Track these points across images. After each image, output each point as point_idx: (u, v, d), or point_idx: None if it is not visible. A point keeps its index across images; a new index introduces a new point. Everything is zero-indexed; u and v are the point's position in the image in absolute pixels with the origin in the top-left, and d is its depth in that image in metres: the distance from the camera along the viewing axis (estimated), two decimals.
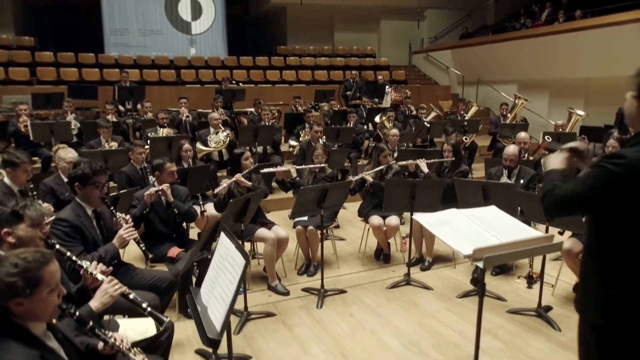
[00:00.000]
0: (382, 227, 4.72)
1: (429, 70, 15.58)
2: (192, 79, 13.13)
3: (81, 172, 2.86)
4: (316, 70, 14.25)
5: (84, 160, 2.95)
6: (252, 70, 13.74)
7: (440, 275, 4.62)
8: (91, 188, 2.89)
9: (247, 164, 4.43)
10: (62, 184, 4.28)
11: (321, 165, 4.88)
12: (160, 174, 3.85)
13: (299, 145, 7.51)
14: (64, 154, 4.25)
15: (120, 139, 6.56)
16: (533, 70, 12.02)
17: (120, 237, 2.93)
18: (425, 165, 5.11)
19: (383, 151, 4.92)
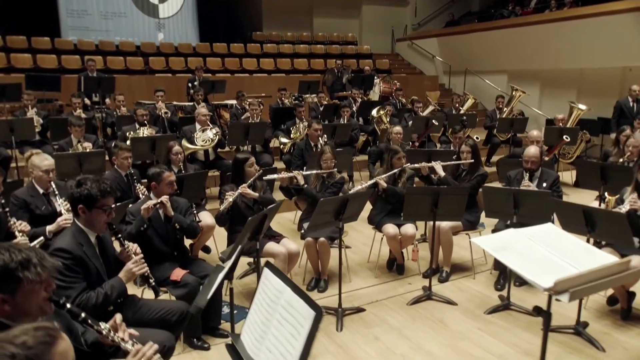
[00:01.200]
0: (397, 237, 4.53)
1: (414, 59, 15.48)
2: (162, 67, 12.59)
3: (87, 193, 2.52)
4: (296, 59, 13.92)
5: (90, 178, 2.59)
6: (227, 58, 13.29)
7: (461, 288, 4.47)
8: (98, 212, 2.56)
9: (251, 171, 4.13)
10: (37, 196, 3.87)
11: (330, 170, 4.63)
12: (157, 185, 3.52)
13: (290, 142, 7.23)
14: (39, 161, 3.83)
15: (94, 139, 6.12)
16: (524, 60, 12.07)
17: (129, 272, 2.60)
18: (441, 168, 4.93)
19: (397, 153, 4.70)
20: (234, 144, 6.57)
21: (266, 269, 2.06)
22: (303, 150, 6.01)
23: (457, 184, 4.82)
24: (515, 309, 3.97)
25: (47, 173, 3.83)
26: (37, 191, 3.88)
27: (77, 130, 5.81)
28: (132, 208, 3.57)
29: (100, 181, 2.60)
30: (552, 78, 11.71)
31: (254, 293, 2.06)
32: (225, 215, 3.94)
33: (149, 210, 3.40)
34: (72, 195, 2.57)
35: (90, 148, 5.70)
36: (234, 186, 4.14)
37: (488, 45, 12.83)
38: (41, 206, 3.85)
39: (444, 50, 14.37)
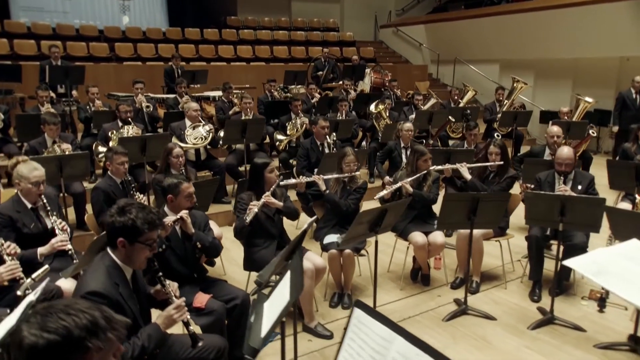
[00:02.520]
0: (426, 246, 4.36)
1: (399, 47, 15.36)
2: (129, 54, 12.02)
3: (132, 224, 2.21)
4: (275, 46, 13.56)
5: (135, 205, 2.27)
6: (201, 45, 12.82)
7: (495, 299, 4.35)
8: (141, 247, 2.26)
9: (272, 178, 3.87)
10: (24, 211, 3.49)
11: (352, 173, 4.41)
12: (174, 198, 3.21)
13: (286, 140, 6.97)
14: (27, 172, 3.44)
15: (72, 138, 5.68)
16: (516, 49, 12.11)
17: (169, 318, 2.32)
18: (467, 170, 4.79)
19: (423, 155, 4.53)
20: (230, 143, 6.25)
21: (358, 310, 1.82)
22: (308, 149, 5.75)
23: (486, 187, 4.69)
24: (560, 323, 3.87)
25: (37, 185, 3.46)
26: (24, 206, 3.50)
27: (52, 128, 5.36)
28: None
29: (147, 209, 2.29)
30: (546, 68, 11.80)
31: None
32: (247, 227, 3.66)
33: (168, 228, 3.10)
34: (112, 225, 2.25)
35: (69, 150, 5.28)
36: (252, 194, 3.87)
37: (479, 33, 12.82)
38: (29, 224, 3.48)
39: (431, 38, 14.30)
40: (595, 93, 10.36)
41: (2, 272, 2.91)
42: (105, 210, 4.04)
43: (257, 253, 3.81)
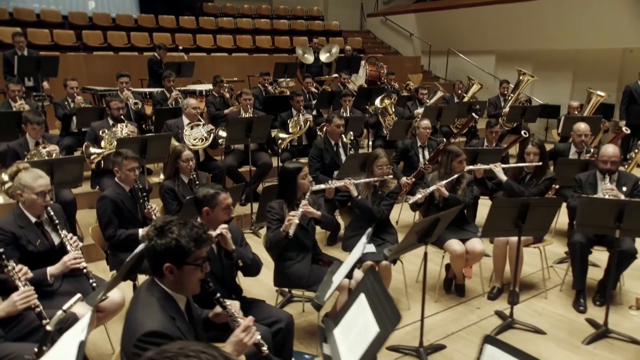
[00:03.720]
0: (464, 255, 4.26)
1: (388, 38, 15.29)
2: (98, 42, 11.58)
3: (176, 245, 1.99)
4: (257, 36, 13.30)
5: (174, 222, 2.05)
6: (178, 34, 12.46)
7: (538, 311, 4.27)
8: (191, 269, 2.06)
9: (305, 184, 3.69)
10: (28, 226, 3.20)
11: (385, 177, 4.26)
12: (211, 210, 2.99)
13: (289, 138, 6.77)
14: (31, 180, 3.15)
15: (57, 139, 5.35)
16: (514, 39, 12.19)
17: (239, 343, 2.08)
18: (502, 171, 4.70)
19: (458, 156, 4.41)
20: (234, 143, 6.02)
21: (491, 346, 1.67)
22: (322, 150, 5.57)
23: (523, 189, 4.62)
24: (616, 336, 3.82)
25: (43, 196, 3.19)
26: (27, 220, 3.21)
27: (35, 128, 5.02)
28: None
29: (189, 225, 2.08)
30: (545, 60, 11.89)
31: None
32: (284, 241, 3.46)
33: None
34: (153, 250, 2.03)
35: (56, 152, 4.96)
36: (283, 203, 3.68)
37: (474, 22, 12.85)
38: (35, 240, 3.20)
39: (422, 28, 14.27)
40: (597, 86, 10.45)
41: (17, 300, 2.66)
42: (114, 222, 3.79)
43: (291, 267, 3.62)
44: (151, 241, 2.03)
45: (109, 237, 3.78)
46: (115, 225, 3.80)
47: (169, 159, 4.45)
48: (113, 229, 3.78)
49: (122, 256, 3.81)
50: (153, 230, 2.05)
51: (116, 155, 3.88)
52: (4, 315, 2.64)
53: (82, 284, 3.26)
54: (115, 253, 3.86)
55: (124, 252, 3.82)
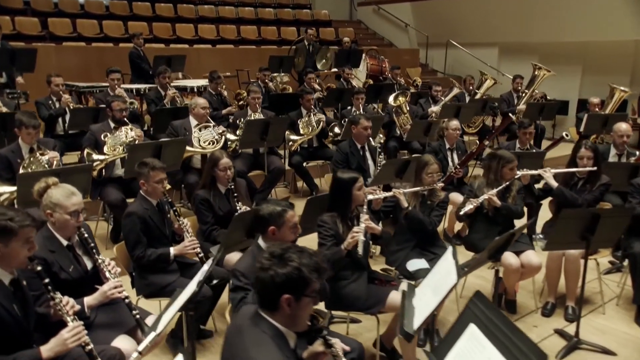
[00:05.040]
0: (520, 268, 4.23)
1: (382, 28, 15.29)
2: (67, 32, 11.20)
3: (298, 276, 1.90)
4: (242, 26, 13.12)
5: (293, 248, 1.95)
6: (155, 23, 12.19)
7: (600, 328, 4.27)
8: (307, 302, 1.98)
9: (360, 196, 3.58)
10: (60, 251, 3.01)
11: (434, 185, 4.20)
12: (277, 229, 2.87)
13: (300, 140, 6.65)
14: (64, 198, 2.95)
15: (53, 143, 5.11)
16: (518, 31, 12.30)
17: None
18: (552, 176, 4.69)
19: (510, 162, 4.37)
20: (248, 146, 5.88)
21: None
22: (348, 154, 5.47)
23: (577, 197, 4.61)
24: None
25: (76, 216, 3.00)
26: (58, 243, 3.02)
27: (30, 133, 4.76)
28: (240, 265, 2.88)
29: (306, 252, 1.99)
30: (552, 52, 11.98)
31: None
32: (345, 260, 3.36)
33: None
34: (272, 281, 1.92)
35: (57, 159, 4.74)
36: (336, 216, 3.57)
37: (475, 12, 12.91)
38: (67, 266, 3.01)
39: (419, 18, 14.30)
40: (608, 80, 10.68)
41: (67, 337, 2.50)
42: (143, 242, 3.63)
43: (346, 288, 3.52)
44: (268, 271, 1.94)
45: (138, 258, 3.61)
46: (144, 244, 3.63)
47: (205, 166, 4.29)
48: (142, 249, 3.62)
49: (152, 278, 3.68)
50: (269, 258, 1.97)
51: (141, 166, 3.70)
52: (53, 355, 2.47)
53: (120, 314, 3.10)
54: (143, 275, 3.69)
55: (153, 274, 3.70)
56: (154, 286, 3.66)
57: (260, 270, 1.96)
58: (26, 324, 2.56)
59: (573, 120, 11.77)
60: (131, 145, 4.82)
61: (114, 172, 5.24)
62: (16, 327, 2.48)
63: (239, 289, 2.79)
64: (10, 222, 2.40)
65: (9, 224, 2.40)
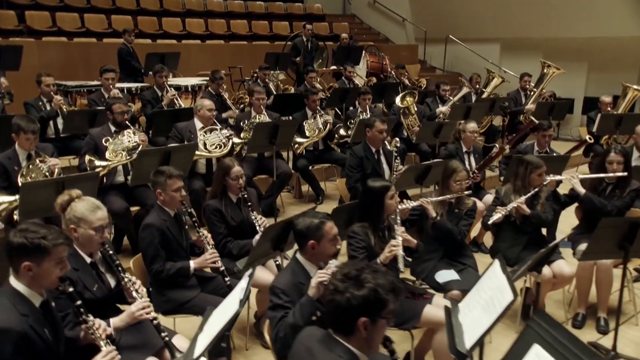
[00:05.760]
0: (552, 279, 4.26)
1: (377, 23, 15.34)
2: (46, 26, 11.04)
3: (374, 297, 1.91)
4: (231, 20, 13.08)
5: (368, 269, 1.94)
6: (140, 17, 12.10)
7: (634, 340, 4.31)
8: (382, 325, 2.00)
9: (393, 205, 3.59)
10: (84, 268, 2.97)
11: (462, 193, 4.21)
12: (317, 244, 2.86)
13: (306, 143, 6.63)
14: (89, 212, 2.90)
15: (51, 149, 5.03)
16: (521, 26, 12.41)
17: None
18: (579, 182, 4.74)
19: (538, 168, 4.40)
20: (256, 150, 5.85)
21: None
22: (362, 158, 5.47)
23: (606, 203, 4.66)
24: None
25: (101, 231, 2.97)
26: (82, 261, 2.98)
27: (29, 138, 4.67)
28: (279, 282, 2.86)
29: (380, 272, 1.99)
30: (556, 49, 12.09)
31: None
32: None
33: (319, 288, 2.75)
34: (348, 303, 1.91)
35: (58, 166, 4.67)
36: (368, 227, 3.56)
37: (476, 6, 13.00)
38: (91, 285, 2.97)
39: (417, 12, 14.35)
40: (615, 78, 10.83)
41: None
42: (161, 255, 3.59)
43: None
44: (344, 293, 1.95)
45: (157, 272, 3.57)
46: (163, 258, 3.59)
47: (215, 175, 4.25)
48: (161, 263, 3.58)
49: (170, 294, 3.65)
50: (344, 280, 1.97)
51: (157, 174, 3.66)
52: None
53: (145, 335, 3.07)
54: (161, 291, 3.64)
55: (171, 290, 3.66)
56: (173, 302, 3.62)
57: (335, 292, 1.96)
58: (57, 348, 2.51)
59: (579, 120, 11.97)
60: (141, 151, 4.76)
61: (115, 179, 5.18)
62: (47, 353, 2.44)
63: (279, 307, 2.78)
64: (43, 241, 2.36)
65: (42, 242, 2.35)
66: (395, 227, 3.52)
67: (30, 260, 2.34)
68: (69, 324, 2.79)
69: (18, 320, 2.29)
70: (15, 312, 2.30)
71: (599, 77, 11.77)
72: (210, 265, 3.68)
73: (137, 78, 8.82)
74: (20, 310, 2.32)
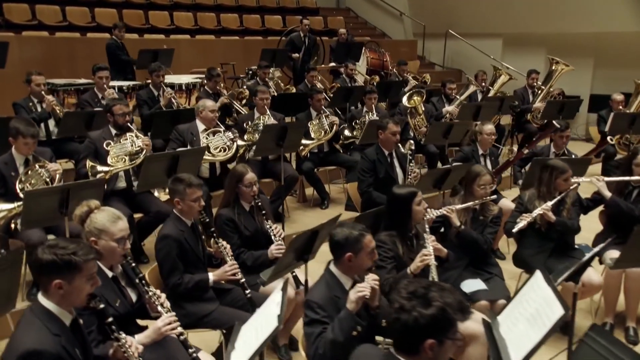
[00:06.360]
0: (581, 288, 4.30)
1: (373, 17, 15.39)
2: (25, 19, 10.91)
3: (442, 316, 1.93)
4: (221, 14, 13.04)
5: (435, 287, 1.95)
6: (126, 10, 12.01)
7: None
8: (449, 346, 2.02)
9: (420, 212, 3.62)
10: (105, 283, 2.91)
11: (489, 198, 4.25)
12: (354, 256, 2.87)
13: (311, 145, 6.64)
14: (110, 223, 2.88)
15: (50, 153, 4.99)
16: (524, 21, 12.48)
17: None
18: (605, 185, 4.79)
19: (564, 172, 4.44)
20: (265, 154, 5.85)
21: None
22: (375, 162, 5.48)
23: (633, 207, 4.72)
24: None
25: (123, 242, 2.96)
26: (104, 275, 2.95)
27: (27, 143, 4.61)
28: (314, 295, 2.87)
29: (447, 289, 2.02)
30: (561, 44, 12.15)
31: None
32: None
33: (359, 303, 2.76)
34: (415, 323, 1.93)
35: (59, 172, 4.64)
36: (395, 236, 3.58)
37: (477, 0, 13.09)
38: (114, 300, 2.96)
39: (415, 6, 14.40)
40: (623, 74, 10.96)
41: None
42: (179, 268, 3.57)
43: None
44: (411, 312, 1.95)
45: (175, 285, 3.54)
46: (181, 270, 3.58)
47: (227, 182, 4.24)
48: (179, 276, 3.56)
49: (189, 308, 3.64)
50: (410, 298, 1.98)
51: (175, 182, 3.64)
52: None
53: (170, 351, 3.07)
54: (179, 304, 3.61)
55: (190, 303, 3.65)
56: (192, 316, 3.60)
57: (401, 311, 1.97)
58: None
59: (584, 118, 12.10)
60: (148, 156, 4.74)
61: (117, 184, 5.15)
62: None
63: (316, 323, 2.79)
64: (74, 257, 2.34)
65: (73, 258, 2.34)
66: (425, 235, 3.55)
67: (61, 277, 2.33)
68: (92, 341, 2.77)
69: (51, 341, 2.28)
70: (47, 332, 2.29)
71: (606, 74, 11.88)
72: (230, 278, 3.67)
73: (127, 76, 8.76)
74: (52, 330, 2.31)
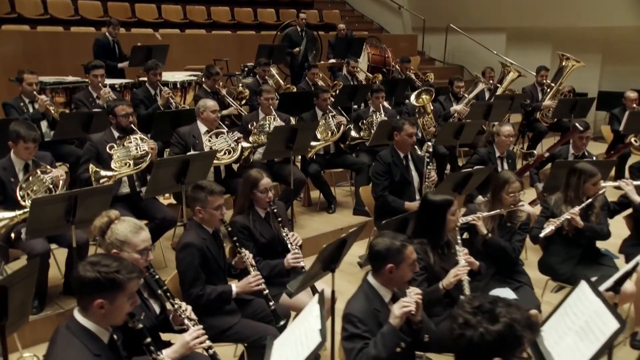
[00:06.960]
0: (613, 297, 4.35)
1: (370, 11, 15.44)
2: (4, 12, 10.89)
3: (510, 333, 1.96)
4: (212, 7, 13.00)
5: (502, 303, 1.98)
6: (111, 3, 11.96)
7: None
8: None
9: (454, 221, 3.65)
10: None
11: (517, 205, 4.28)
12: (395, 268, 2.89)
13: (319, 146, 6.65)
14: (132, 234, 2.89)
15: (50, 157, 4.96)
16: (529, 14, 12.58)
17: None
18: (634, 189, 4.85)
19: (593, 176, 4.47)
20: (273, 156, 5.86)
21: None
22: (390, 164, 5.50)
23: None
24: None
25: (146, 254, 2.97)
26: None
27: (29, 147, 4.56)
28: (353, 308, 2.89)
29: (513, 304, 2.03)
30: (568, 39, 12.26)
31: None
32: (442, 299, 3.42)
33: (402, 318, 2.79)
34: (480, 340, 1.94)
35: (63, 177, 4.61)
36: (427, 245, 3.61)
37: None
38: (139, 314, 2.93)
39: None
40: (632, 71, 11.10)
41: None
42: (201, 278, 3.58)
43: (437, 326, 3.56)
44: (477, 328, 1.95)
45: (197, 297, 3.54)
46: (203, 281, 3.58)
47: (242, 187, 4.24)
48: (201, 287, 3.56)
49: (211, 321, 3.63)
50: (476, 313, 1.98)
51: (196, 190, 3.64)
52: None
53: None
54: (200, 317, 3.61)
55: (212, 316, 3.64)
56: (214, 330, 3.57)
57: (466, 326, 1.98)
58: None
59: (592, 116, 12.18)
60: (159, 161, 4.74)
61: (120, 190, 5.12)
62: None
63: (357, 338, 2.80)
64: (117, 275, 2.35)
65: (117, 276, 2.34)
66: (457, 247, 3.57)
67: (103, 297, 2.33)
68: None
69: None
70: (88, 352, 2.29)
71: (615, 70, 12.01)
72: (254, 289, 3.67)
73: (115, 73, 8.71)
74: (92, 350, 2.31)
